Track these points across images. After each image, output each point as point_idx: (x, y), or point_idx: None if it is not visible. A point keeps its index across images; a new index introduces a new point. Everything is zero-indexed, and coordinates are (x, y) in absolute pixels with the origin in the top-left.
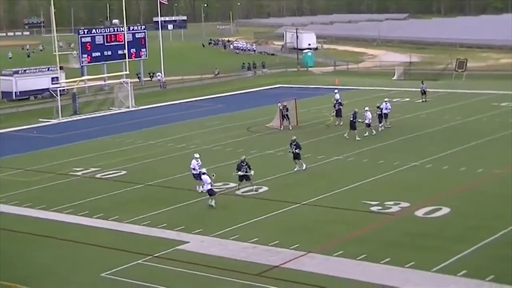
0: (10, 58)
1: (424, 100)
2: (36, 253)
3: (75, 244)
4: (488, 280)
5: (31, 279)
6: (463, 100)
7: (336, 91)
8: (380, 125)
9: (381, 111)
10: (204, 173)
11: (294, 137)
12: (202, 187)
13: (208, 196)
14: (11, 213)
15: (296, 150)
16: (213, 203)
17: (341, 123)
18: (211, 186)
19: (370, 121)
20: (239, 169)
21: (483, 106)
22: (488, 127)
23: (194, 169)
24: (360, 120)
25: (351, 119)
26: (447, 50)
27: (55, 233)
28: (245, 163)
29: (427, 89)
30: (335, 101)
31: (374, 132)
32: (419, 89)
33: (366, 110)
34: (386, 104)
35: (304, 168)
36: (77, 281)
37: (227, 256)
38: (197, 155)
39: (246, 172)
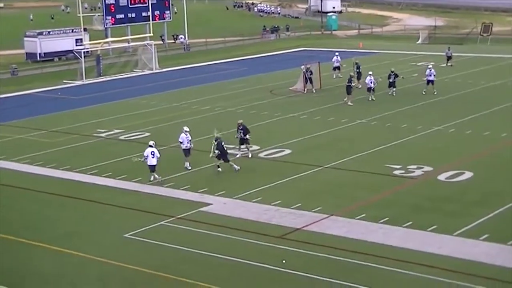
0: (32, 20)
1: (450, 64)
2: (61, 214)
3: (99, 205)
4: (510, 243)
5: (56, 239)
6: (487, 64)
7: (337, 53)
8: (433, 91)
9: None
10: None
11: (241, 121)
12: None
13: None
14: (36, 174)
15: (246, 136)
16: (151, 178)
17: (360, 86)
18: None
19: (374, 85)
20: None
21: (508, 70)
22: None
23: (182, 143)
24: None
25: (347, 83)
26: (472, 14)
27: (79, 194)
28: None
29: (452, 54)
30: (336, 64)
31: (374, 98)
32: (444, 54)
33: (370, 75)
34: (431, 70)
35: (249, 155)
36: (101, 241)
37: (250, 218)
38: (186, 128)
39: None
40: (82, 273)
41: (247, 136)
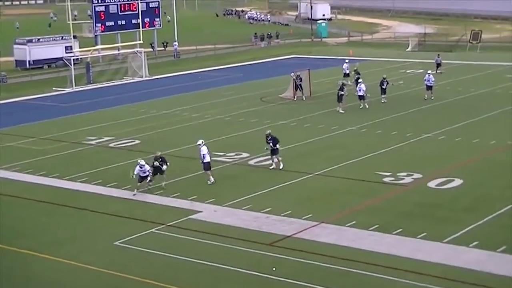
0: (17, 28)
1: (440, 72)
2: (50, 221)
3: (89, 213)
4: (499, 251)
5: (46, 246)
6: (477, 71)
7: (347, 60)
8: (431, 96)
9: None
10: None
11: (269, 131)
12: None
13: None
14: (25, 181)
15: (276, 146)
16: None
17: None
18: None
19: (364, 93)
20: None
21: (497, 78)
22: (502, 98)
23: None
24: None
25: (339, 91)
26: (462, 22)
27: (69, 201)
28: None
29: (442, 61)
30: (346, 71)
31: (367, 106)
32: (434, 61)
33: (360, 82)
34: (429, 76)
35: (281, 167)
36: (91, 249)
37: (240, 226)
38: (199, 142)
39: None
40: (72, 281)
41: (277, 146)
